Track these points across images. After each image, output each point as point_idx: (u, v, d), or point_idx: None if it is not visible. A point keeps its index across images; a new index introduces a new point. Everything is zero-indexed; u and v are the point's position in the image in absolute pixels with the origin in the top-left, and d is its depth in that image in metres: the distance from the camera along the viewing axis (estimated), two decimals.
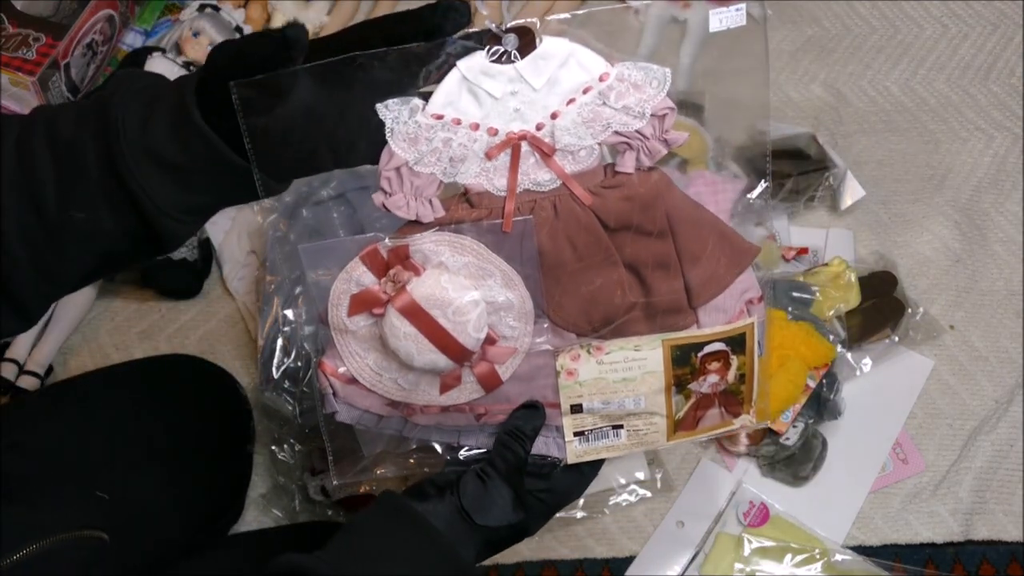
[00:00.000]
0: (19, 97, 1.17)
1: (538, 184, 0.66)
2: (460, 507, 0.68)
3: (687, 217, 0.69)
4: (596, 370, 0.69)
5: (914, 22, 1.39)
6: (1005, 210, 1.24)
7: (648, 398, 0.70)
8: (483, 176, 0.66)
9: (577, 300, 0.68)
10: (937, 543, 1.04)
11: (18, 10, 1.19)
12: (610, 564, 1.04)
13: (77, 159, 0.63)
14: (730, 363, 0.71)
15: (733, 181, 1.15)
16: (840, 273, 1.10)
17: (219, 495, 0.99)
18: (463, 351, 0.67)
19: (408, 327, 0.66)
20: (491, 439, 0.72)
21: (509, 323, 0.68)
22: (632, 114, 0.64)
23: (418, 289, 0.66)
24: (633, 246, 0.68)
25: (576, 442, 0.71)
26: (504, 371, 0.69)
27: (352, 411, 0.72)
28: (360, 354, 0.69)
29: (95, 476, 0.86)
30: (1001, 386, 1.12)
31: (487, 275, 0.67)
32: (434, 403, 0.70)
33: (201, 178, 0.64)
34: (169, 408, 0.96)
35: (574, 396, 0.70)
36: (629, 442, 0.72)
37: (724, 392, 0.72)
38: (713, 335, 0.70)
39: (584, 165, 0.66)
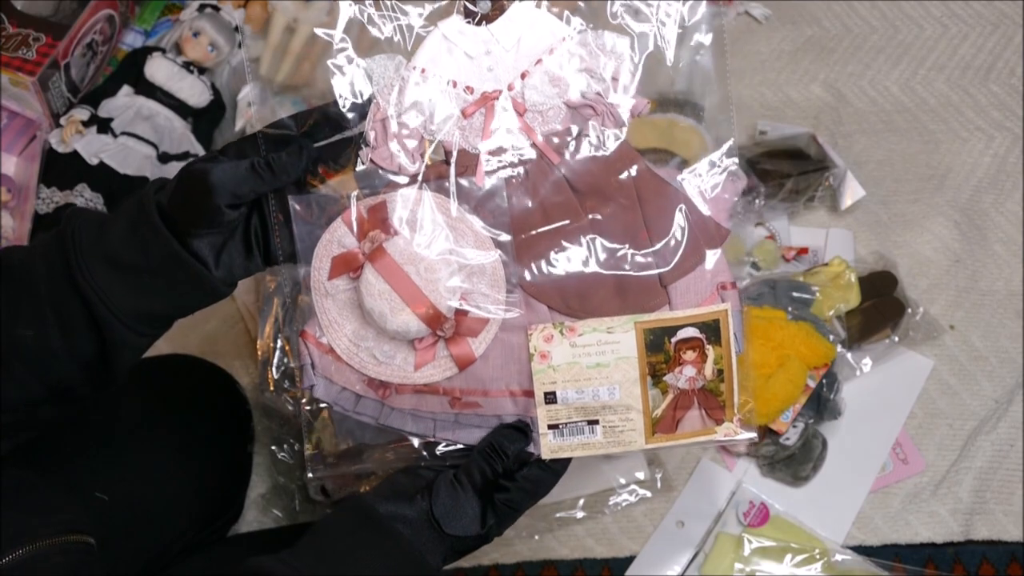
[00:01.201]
0: (19, 97, 1.17)
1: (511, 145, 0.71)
2: (431, 514, 0.68)
3: (655, 190, 0.71)
4: (570, 353, 0.70)
5: (914, 22, 1.39)
6: (1005, 210, 1.24)
7: (623, 388, 0.70)
8: (460, 134, 0.70)
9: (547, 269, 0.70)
10: (937, 543, 1.04)
11: (18, 10, 1.19)
12: (610, 564, 1.04)
13: (26, 276, 0.66)
14: (706, 354, 0.71)
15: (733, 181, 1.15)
16: (840, 273, 1.10)
17: (219, 495, 0.99)
18: (436, 313, 0.68)
19: (382, 284, 0.68)
20: (466, 433, 0.72)
21: (482, 290, 0.69)
22: (594, 76, 0.70)
23: (393, 247, 0.68)
24: (601, 211, 0.70)
25: (550, 435, 0.71)
26: (477, 346, 0.70)
27: (330, 388, 0.72)
28: (339, 322, 0.71)
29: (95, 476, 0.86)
30: (1001, 386, 1.12)
31: (460, 236, 0.69)
32: (409, 381, 0.71)
33: (157, 281, 0.66)
34: (169, 408, 0.96)
35: (548, 382, 0.70)
36: (605, 440, 0.71)
37: (703, 391, 0.71)
38: (686, 318, 0.70)
39: (552, 125, 0.70)
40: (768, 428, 1.04)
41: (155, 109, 1.21)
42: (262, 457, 1.07)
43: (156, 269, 0.66)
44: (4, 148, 1.18)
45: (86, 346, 0.67)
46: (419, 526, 0.68)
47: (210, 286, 0.68)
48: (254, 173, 0.66)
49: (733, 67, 1.36)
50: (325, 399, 0.72)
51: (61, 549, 0.68)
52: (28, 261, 0.67)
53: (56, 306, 0.66)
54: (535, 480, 0.71)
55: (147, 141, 1.19)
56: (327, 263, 0.70)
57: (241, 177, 0.66)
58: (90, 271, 0.65)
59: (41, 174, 1.17)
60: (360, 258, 0.69)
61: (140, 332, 0.68)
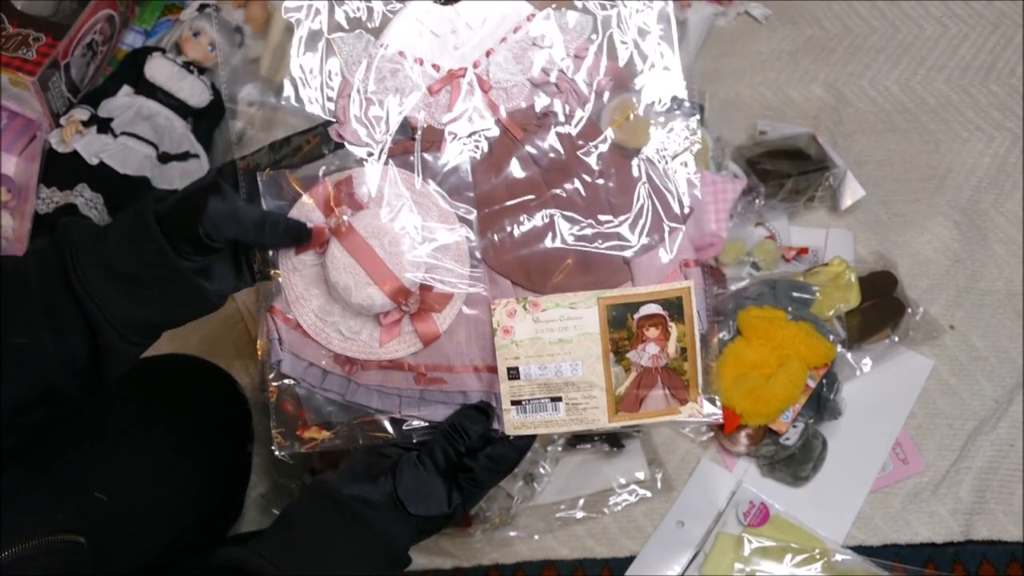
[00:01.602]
0: (19, 97, 1.17)
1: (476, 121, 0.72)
2: (395, 495, 0.69)
3: (618, 167, 0.72)
4: (533, 329, 0.70)
5: (914, 22, 1.39)
6: (1005, 210, 1.24)
7: (586, 364, 0.71)
8: (426, 111, 0.72)
9: (510, 242, 0.71)
10: (937, 543, 1.04)
11: (18, 10, 1.19)
12: (610, 564, 1.04)
13: (20, 283, 0.66)
14: (669, 331, 0.71)
15: (733, 181, 1.15)
16: (840, 273, 1.10)
17: (219, 495, 0.99)
18: (400, 287, 0.69)
19: (347, 258, 0.69)
20: (431, 410, 0.72)
21: (446, 265, 0.70)
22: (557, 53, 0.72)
23: (358, 221, 0.69)
24: (565, 187, 0.72)
25: (513, 412, 0.72)
26: (442, 322, 0.71)
27: (297, 363, 0.73)
28: (305, 297, 0.72)
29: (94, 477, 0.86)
30: (1001, 386, 1.12)
31: (425, 211, 0.70)
32: (374, 357, 0.71)
33: (151, 291, 0.67)
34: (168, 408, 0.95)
35: (511, 357, 0.71)
36: (568, 417, 0.72)
37: (667, 369, 0.71)
38: (648, 294, 0.71)
39: (517, 102, 0.72)
40: (768, 428, 1.04)
41: (155, 109, 1.21)
42: (262, 457, 1.07)
43: (151, 279, 0.67)
44: (4, 148, 1.18)
45: (78, 351, 0.68)
46: (384, 507, 0.69)
47: (202, 296, 0.69)
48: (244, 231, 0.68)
49: (733, 67, 1.36)
50: (291, 375, 0.73)
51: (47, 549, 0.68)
52: (22, 268, 0.68)
53: (50, 311, 0.66)
54: (498, 458, 0.72)
55: (147, 141, 1.19)
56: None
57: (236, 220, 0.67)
58: (86, 277, 0.66)
59: (41, 174, 1.17)
60: (326, 233, 0.70)
61: (131, 341, 0.69)
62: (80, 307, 0.66)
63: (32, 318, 0.67)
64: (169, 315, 0.70)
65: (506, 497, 1.02)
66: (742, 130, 1.28)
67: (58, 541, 0.70)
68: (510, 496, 1.02)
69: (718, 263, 1.16)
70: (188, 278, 0.67)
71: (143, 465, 0.90)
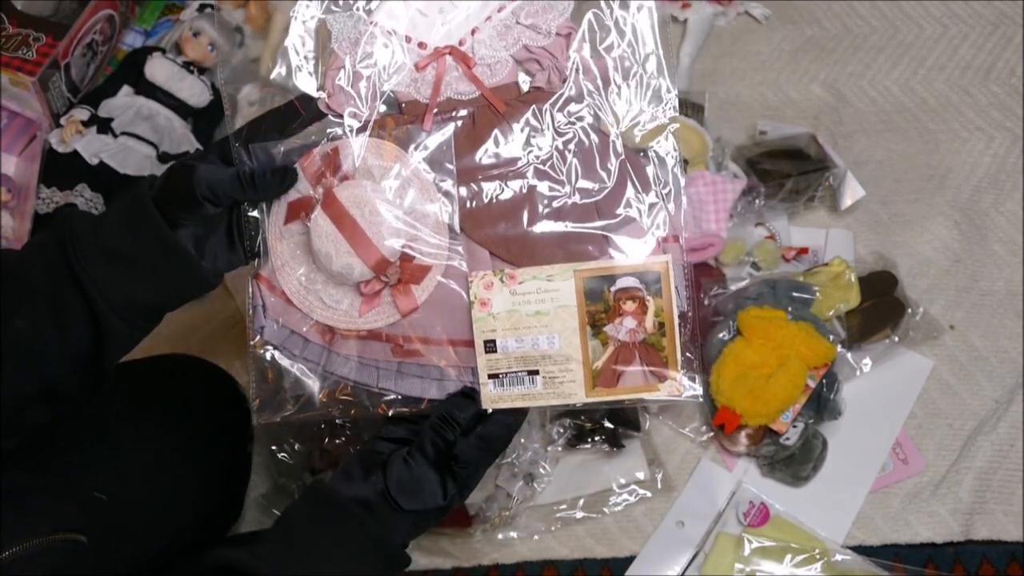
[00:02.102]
0: (19, 97, 1.17)
1: (459, 94, 0.74)
2: (387, 493, 0.69)
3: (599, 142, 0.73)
4: (509, 301, 0.71)
5: (914, 22, 1.39)
6: (1005, 210, 1.24)
7: (563, 337, 0.71)
8: (412, 86, 0.74)
9: (489, 213, 0.72)
10: (937, 543, 1.04)
11: (18, 10, 1.19)
12: (610, 564, 1.04)
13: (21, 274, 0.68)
14: (646, 306, 0.71)
15: (733, 181, 1.15)
16: (840, 273, 1.10)
17: (219, 495, 0.99)
18: (379, 257, 0.70)
19: (330, 226, 0.70)
20: (408, 383, 0.73)
21: (426, 237, 0.71)
22: (539, 31, 0.73)
23: (342, 191, 0.71)
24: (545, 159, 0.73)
25: (491, 385, 0.72)
26: (420, 293, 0.72)
27: (279, 331, 0.74)
28: (291, 265, 0.73)
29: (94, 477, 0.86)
30: (1001, 386, 1.12)
31: (407, 182, 0.72)
32: (354, 326, 0.73)
33: (149, 269, 0.69)
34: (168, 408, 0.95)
35: (488, 330, 0.71)
36: (545, 390, 0.72)
37: (645, 345, 0.72)
38: (625, 267, 0.71)
39: (500, 78, 0.74)
40: (768, 428, 1.04)
41: (155, 109, 1.21)
42: (262, 457, 1.07)
43: (148, 256, 0.68)
44: (4, 148, 1.18)
45: (80, 339, 0.69)
46: (379, 506, 0.70)
47: (198, 274, 0.70)
48: (237, 183, 0.70)
49: (733, 67, 1.36)
50: (273, 341, 0.74)
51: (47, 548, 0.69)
52: (23, 260, 0.69)
53: (52, 299, 0.68)
54: (489, 436, 0.72)
55: (147, 141, 1.19)
56: (284, 207, 0.73)
57: (223, 181, 0.69)
58: (87, 262, 0.67)
59: (41, 174, 1.17)
60: (313, 202, 0.72)
61: (132, 323, 0.70)
62: (82, 293, 0.67)
63: (34, 309, 0.68)
64: (168, 294, 0.71)
65: (506, 497, 1.02)
66: (742, 130, 1.28)
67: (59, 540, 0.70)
68: (510, 496, 1.02)
69: (718, 263, 1.16)
70: (183, 253, 0.68)
71: (143, 465, 0.90)
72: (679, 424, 1.09)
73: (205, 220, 0.70)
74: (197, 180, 0.68)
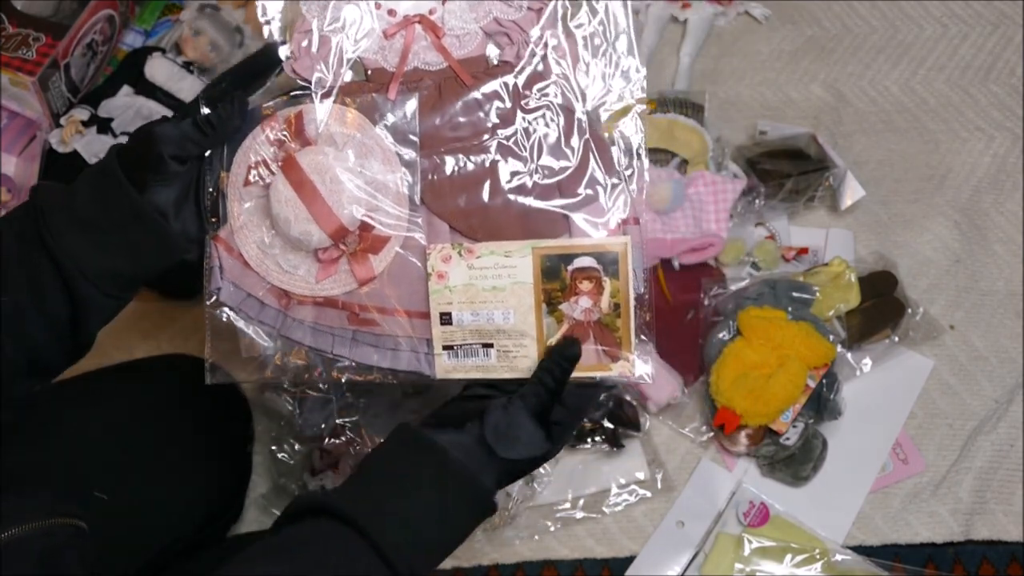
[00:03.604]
0: (19, 97, 1.17)
1: (427, 64, 0.73)
2: (482, 438, 0.67)
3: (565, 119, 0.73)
4: (467, 275, 0.71)
5: (914, 22, 1.39)
6: (1005, 210, 1.24)
7: (518, 313, 0.71)
8: (380, 54, 0.73)
9: (451, 186, 0.72)
10: (937, 543, 1.04)
11: (18, 10, 1.19)
12: (610, 564, 1.04)
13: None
14: (603, 286, 0.71)
15: (733, 181, 1.15)
16: (840, 273, 1.10)
17: (219, 495, 0.99)
18: (338, 225, 0.70)
19: (289, 191, 0.70)
20: (362, 352, 0.73)
21: (385, 207, 0.71)
22: (511, 4, 0.73)
23: (304, 156, 0.71)
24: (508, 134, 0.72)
25: (445, 356, 0.73)
26: (378, 264, 0.72)
27: (236, 293, 0.74)
28: (249, 228, 0.73)
29: (94, 476, 0.86)
30: (1001, 386, 1.12)
31: (369, 151, 0.72)
32: (310, 292, 0.73)
33: (123, 238, 0.69)
34: (169, 408, 0.96)
35: (444, 303, 0.72)
36: (499, 363, 0.72)
37: (599, 324, 0.72)
38: (583, 247, 0.71)
39: (469, 50, 0.73)
40: (768, 428, 1.04)
41: (155, 109, 1.21)
42: (262, 457, 1.07)
43: (118, 223, 0.68)
44: (4, 148, 1.18)
45: (57, 309, 0.69)
46: (470, 450, 0.67)
47: (168, 239, 0.70)
48: (196, 128, 0.70)
49: (733, 67, 1.36)
50: (229, 303, 0.74)
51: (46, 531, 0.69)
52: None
53: (27, 270, 0.68)
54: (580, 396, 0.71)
55: None
56: (244, 169, 0.73)
57: (184, 132, 0.69)
58: (59, 232, 0.68)
59: (41, 174, 1.17)
60: (273, 166, 0.72)
61: (107, 292, 0.70)
62: (55, 263, 0.68)
63: (9, 278, 0.68)
64: (141, 262, 0.71)
65: (506, 497, 1.02)
66: (742, 130, 1.28)
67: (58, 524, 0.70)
68: (510, 496, 1.02)
69: (718, 263, 1.16)
70: (152, 218, 0.69)
71: (143, 465, 0.90)
72: (679, 424, 1.09)
73: (173, 180, 0.70)
74: (159, 137, 0.68)
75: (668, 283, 1.14)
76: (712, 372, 1.06)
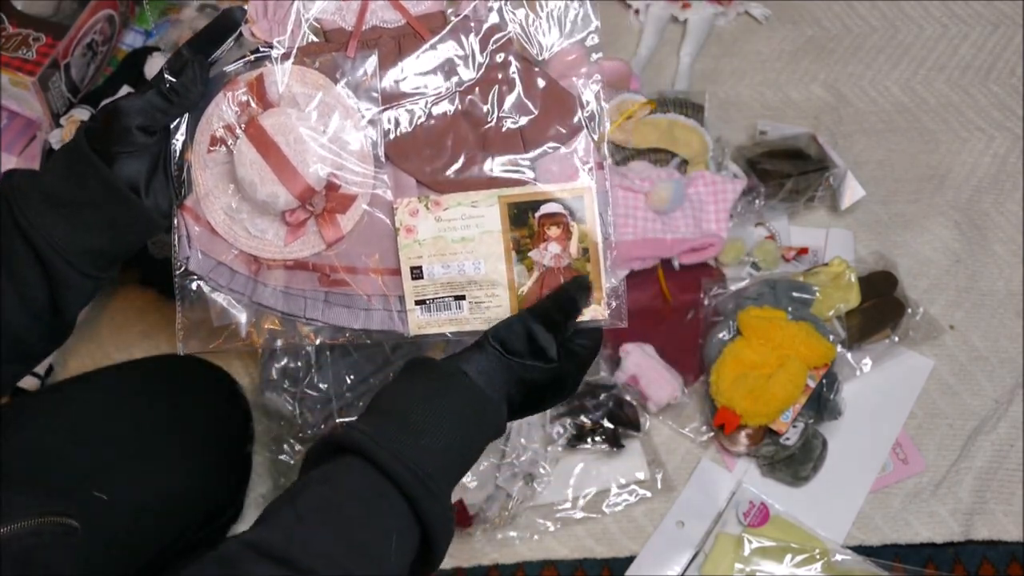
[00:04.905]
0: (19, 97, 1.17)
1: (385, 22, 0.73)
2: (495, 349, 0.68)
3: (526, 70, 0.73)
4: (435, 227, 0.72)
5: (914, 22, 1.39)
6: (1005, 210, 1.24)
7: (488, 263, 0.72)
8: (337, 14, 0.73)
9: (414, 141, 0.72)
10: (937, 543, 1.04)
11: (18, 10, 1.19)
12: (610, 564, 1.04)
13: None
14: (571, 231, 0.72)
15: (733, 181, 1.15)
16: (840, 273, 1.10)
17: (218, 495, 0.99)
18: (304, 185, 0.70)
19: (254, 154, 0.70)
20: (335, 313, 0.73)
21: (350, 165, 0.72)
22: None
23: (267, 118, 0.71)
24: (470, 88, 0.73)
25: (418, 311, 0.73)
26: (346, 223, 0.72)
27: (205, 261, 0.74)
28: (215, 194, 0.73)
29: (93, 476, 0.86)
30: (1001, 386, 1.12)
31: (331, 110, 0.72)
32: (279, 256, 0.73)
33: (96, 214, 0.69)
34: (169, 408, 0.96)
35: (414, 257, 0.72)
36: (472, 315, 0.73)
37: (569, 269, 0.72)
38: (548, 193, 0.72)
39: (426, 7, 0.74)
40: (768, 428, 1.04)
41: None
42: (262, 457, 1.07)
43: (90, 199, 0.68)
44: (4, 148, 1.18)
45: (35, 292, 0.69)
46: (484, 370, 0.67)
47: (140, 212, 0.70)
48: (160, 96, 0.70)
49: (733, 67, 1.36)
50: (199, 272, 0.74)
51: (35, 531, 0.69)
52: None
53: (2, 254, 0.68)
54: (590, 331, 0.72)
55: None
56: (207, 136, 0.73)
57: (148, 101, 0.69)
58: (31, 211, 0.68)
59: None
60: (237, 130, 0.72)
61: (85, 272, 0.70)
62: (29, 243, 0.68)
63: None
64: (116, 238, 0.71)
65: (506, 497, 1.02)
66: (742, 130, 1.28)
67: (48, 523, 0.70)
68: (510, 496, 1.02)
69: (718, 263, 1.16)
70: (122, 191, 0.68)
71: (142, 464, 0.90)
72: (679, 424, 1.09)
73: (142, 152, 0.70)
74: (124, 109, 0.68)
75: (668, 283, 1.14)
76: (712, 372, 1.06)
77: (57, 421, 0.91)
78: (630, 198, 1.12)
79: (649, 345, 1.09)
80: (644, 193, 1.12)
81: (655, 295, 1.14)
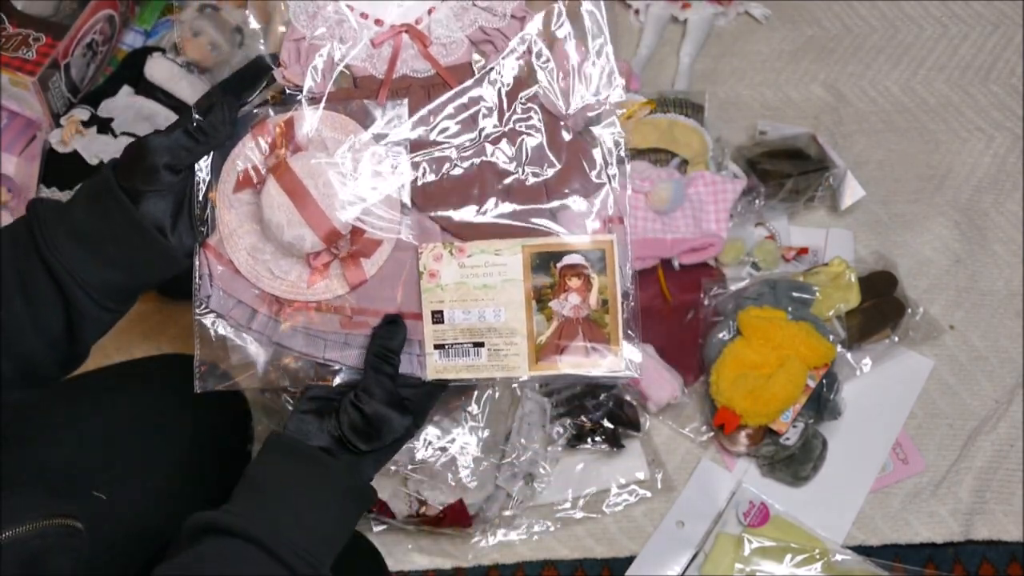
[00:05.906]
0: (19, 97, 1.17)
1: (415, 71, 0.75)
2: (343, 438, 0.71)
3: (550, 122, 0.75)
4: (458, 273, 0.72)
5: (914, 22, 1.39)
6: (1005, 210, 1.24)
7: (509, 311, 0.73)
8: (368, 62, 0.75)
9: (440, 189, 0.73)
10: (937, 543, 1.04)
11: (18, 10, 1.19)
12: (610, 564, 1.04)
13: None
14: (591, 283, 0.73)
15: (733, 181, 1.15)
16: (840, 273, 1.10)
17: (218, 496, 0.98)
18: (331, 228, 0.71)
19: (282, 197, 0.71)
20: (355, 354, 0.74)
21: (377, 210, 0.72)
22: (495, 13, 0.75)
23: (296, 161, 0.72)
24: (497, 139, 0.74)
25: (436, 355, 0.73)
26: (370, 267, 0.73)
27: (226, 300, 0.75)
28: (239, 234, 0.74)
29: (93, 476, 0.86)
30: (1001, 386, 1.12)
31: (359, 156, 0.73)
32: (302, 297, 0.73)
33: (119, 250, 0.70)
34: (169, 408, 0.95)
35: (435, 301, 0.73)
36: (490, 363, 0.73)
37: (588, 321, 0.73)
38: (572, 244, 0.73)
39: (455, 57, 0.75)
40: (768, 428, 1.04)
41: (155, 109, 1.21)
42: None
43: (115, 235, 0.69)
44: (4, 148, 1.18)
45: (53, 321, 0.70)
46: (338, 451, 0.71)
47: (164, 251, 0.71)
48: (187, 136, 0.71)
49: (733, 67, 1.36)
50: (220, 311, 0.75)
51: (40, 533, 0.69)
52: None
53: (24, 283, 0.69)
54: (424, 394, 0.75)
55: None
56: (234, 176, 0.74)
57: (175, 141, 0.70)
58: (56, 245, 0.69)
59: (41, 174, 1.17)
60: (264, 172, 0.73)
61: (104, 306, 0.71)
62: (51, 274, 0.68)
63: (6, 290, 0.69)
64: (137, 274, 0.72)
65: (506, 497, 1.02)
66: (742, 130, 1.28)
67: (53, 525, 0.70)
68: (510, 496, 1.02)
69: (718, 263, 1.16)
70: (148, 230, 0.69)
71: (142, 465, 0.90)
72: (679, 424, 1.09)
73: (167, 191, 0.70)
74: (151, 147, 0.69)
75: (668, 283, 1.14)
76: (712, 372, 1.06)
77: (57, 421, 0.91)
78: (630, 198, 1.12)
79: (649, 345, 1.09)
80: (644, 193, 1.12)
81: (655, 295, 1.14)
